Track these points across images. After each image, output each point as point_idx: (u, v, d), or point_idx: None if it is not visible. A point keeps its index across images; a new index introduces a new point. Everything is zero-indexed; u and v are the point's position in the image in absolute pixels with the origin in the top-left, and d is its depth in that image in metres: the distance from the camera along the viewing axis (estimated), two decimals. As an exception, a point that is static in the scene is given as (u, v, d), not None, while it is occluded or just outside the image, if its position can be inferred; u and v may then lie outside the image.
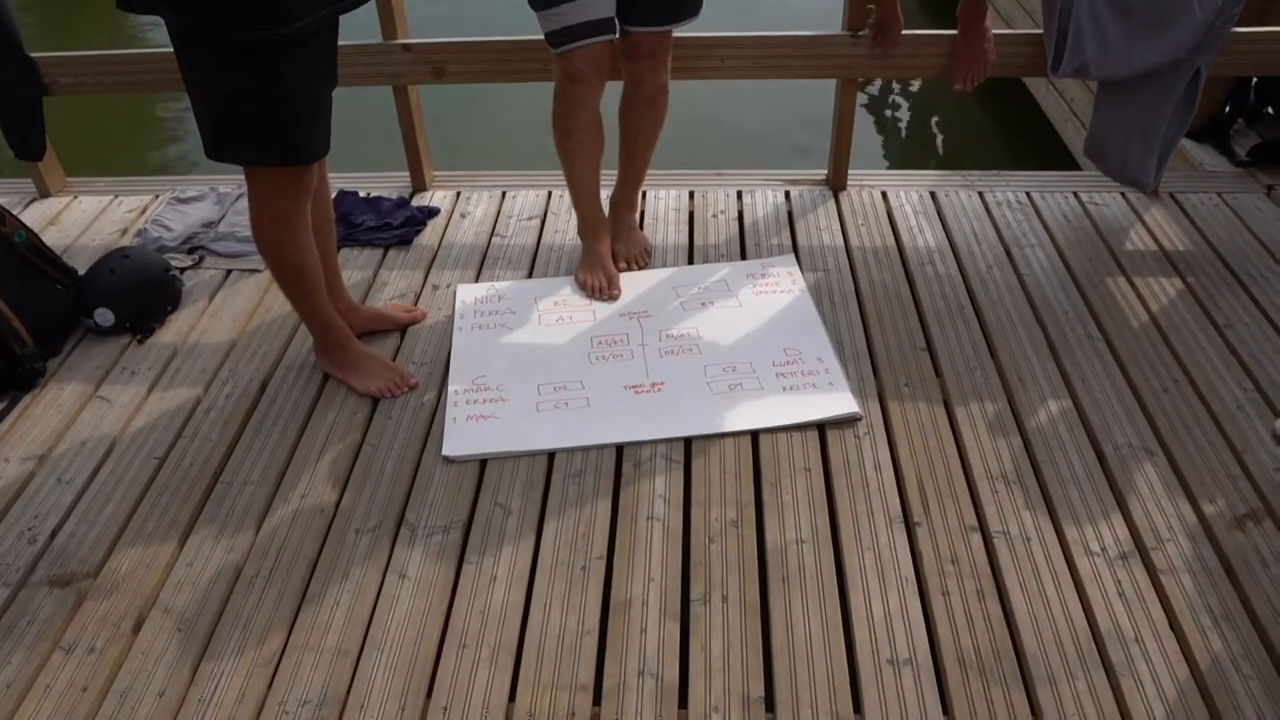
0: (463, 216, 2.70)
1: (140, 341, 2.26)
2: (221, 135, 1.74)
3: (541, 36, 2.14)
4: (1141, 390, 2.00)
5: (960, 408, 1.97)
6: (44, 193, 2.88)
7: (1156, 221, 2.56)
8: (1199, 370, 2.04)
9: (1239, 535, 1.68)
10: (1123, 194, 2.68)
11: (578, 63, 2.09)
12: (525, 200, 2.75)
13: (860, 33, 2.48)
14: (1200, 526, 1.70)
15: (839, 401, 1.97)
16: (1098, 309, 2.24)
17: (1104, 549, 1.66)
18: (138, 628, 1.60)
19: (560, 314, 2.29)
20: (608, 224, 2.46)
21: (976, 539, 1.69)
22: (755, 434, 1.91)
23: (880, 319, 2.23)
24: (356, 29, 2.18)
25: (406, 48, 2.55)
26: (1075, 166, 3.64)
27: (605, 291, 2.34)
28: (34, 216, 2.76)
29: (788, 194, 2.74)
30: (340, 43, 1.85)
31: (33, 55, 2.60)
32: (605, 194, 2.47)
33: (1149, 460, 1.83)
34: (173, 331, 2.30)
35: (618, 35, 2.17)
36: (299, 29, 1.62)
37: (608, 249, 2.42)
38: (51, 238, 2.63)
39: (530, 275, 2.46)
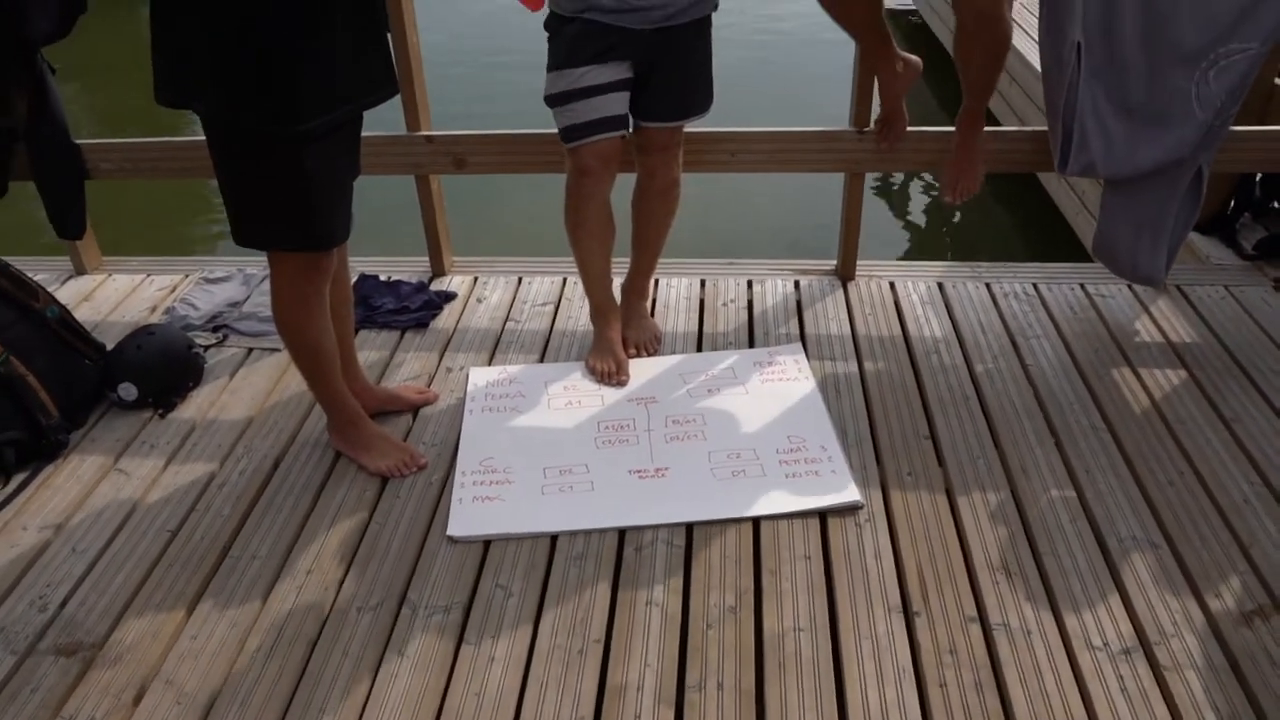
0: (479, 301, 2.77)
1: (161, 416, 2.33)
2: (246, 220, 1.83)
3: (557, 130, 2.24)
4: (1146, 482, 1.99)
5: (962, 497, 1.97)
6: (80, 270, 2.99)
7: (1163, 314, 2.58)
8: (1205, 463, 2.04)
9: (1246, 632, 1.66)
10: (1129, 286, 2.71)
11: (587, 157, 2.18)
12: (540, 286, 2.83)
13: (866, 129, 2.56)
14: (1206, 622, 1.68)
15: (841, 491, 1.98)
16: (1103, 400, 2.25)
17: (1106, 643, 1.64)
18: (138, 699, 1.61)
19: (569, 398, 2.33)
20: (619, 310, 2.52)
21: (976, 630, 1.68)
22: (756, 520, 1.92)
23: (885, 407, 2.26)
24: (381, 121, 2.28)
25: (429, 139, 2.66)
26: (1088, 258, 3.67)
27: (614, 377, 2.38)
28: (69, 293, 2.87)
29: (797, 283, 2.79)
30: (365, 133, 1.95)
31: (77, 141, 2.74)
32: (618, 281, 2.54)
33: (1153, 553, 1.82)
34: (193, 407, 2.36)
35: (631, 130, 2.26)
36: (321, 124, 1.71)
37: (618, 335, 2.47)
38: (84, 314, 2.73)
39: (543, 360, 2.51)
